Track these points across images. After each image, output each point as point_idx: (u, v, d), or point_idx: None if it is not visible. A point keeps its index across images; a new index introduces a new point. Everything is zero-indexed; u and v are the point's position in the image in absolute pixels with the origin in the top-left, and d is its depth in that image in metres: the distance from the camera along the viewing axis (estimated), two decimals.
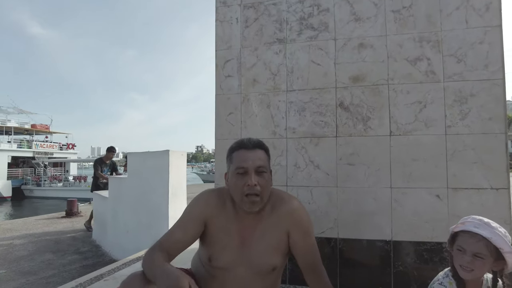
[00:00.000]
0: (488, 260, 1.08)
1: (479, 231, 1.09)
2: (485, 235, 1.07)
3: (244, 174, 1.25)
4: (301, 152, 2.12)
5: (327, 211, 2.05)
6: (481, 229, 1.09)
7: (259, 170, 1.25)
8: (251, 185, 1.22)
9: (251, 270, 1.28)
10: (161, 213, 3.48)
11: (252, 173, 1.24)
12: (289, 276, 2.10)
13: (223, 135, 2.25)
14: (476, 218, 1.14)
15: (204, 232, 1.32)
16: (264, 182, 1.25)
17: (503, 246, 1.06)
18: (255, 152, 1.29)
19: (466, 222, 1.14)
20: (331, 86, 2.10)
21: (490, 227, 1.10)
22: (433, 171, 1.93)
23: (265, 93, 2.21)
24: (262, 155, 1.30)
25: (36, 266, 4.21)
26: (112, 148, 6.62)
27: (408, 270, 1.94)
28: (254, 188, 1.22)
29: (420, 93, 1.97)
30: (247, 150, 1.29)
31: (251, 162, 1.25)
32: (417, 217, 1.94)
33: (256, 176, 1.24)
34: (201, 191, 1.40)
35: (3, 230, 6.55)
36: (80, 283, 2.17)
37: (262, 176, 1.26)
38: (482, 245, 1.08)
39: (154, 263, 1.16)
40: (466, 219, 1.17)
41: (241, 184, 1.24)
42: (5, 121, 28.10)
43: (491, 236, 1.07)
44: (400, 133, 1.99)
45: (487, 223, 1.11)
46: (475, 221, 1.13)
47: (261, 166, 1.26)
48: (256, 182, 1.23)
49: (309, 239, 1.33)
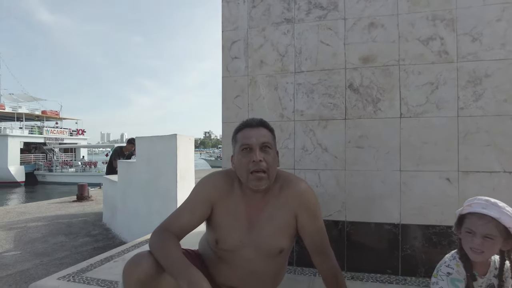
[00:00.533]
0: (498, 240, 1.06)
1: (488, 212, 1.06)
2: (493, 215, 1.05)
3: (249, 151, 1.24)
4: (309, 135, 2.09)
5: (334, 194, 2.04)
6: (489, 210, 1.07)
7: (263, 146, 1.24)
8: (256, 161, 1.21)
9: (258, 252, 1.28)
10: (170, 196, 3.51)
11: (257, 149, 1.23)
12: (296, 258, 2.11)
13: (230, 118, 2.23)
14: (483, 199, 1.12)
15: (211, 215, 1.32)
16: (269, 159, 1.24)
17: (501, 218, 1.05)
18: (259, 129, 1.28)
19: (473, 204, 1.12)
20: (341, 67, 2.05)
21: (498, 207, 1.07)
22: (444, 154, 1.89)
23: (273, 75, 2.17)
24: (266, 133, 1.28)
25: (50, 247, 4.32)
26: (132, 140, 6.68)
27: (416, 253, 1.93)
28: (259, 164, 1.21)
29: (432, 74, 1.91)
30: (251, 128, 1.28)
31: (255, 139, 1.24)
32: (426, 201, 1.92)
33: (261, 152, 1.23)
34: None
35: (17, 213, 6.73)
36: (91, 264, 2.22)
37: (267, 153, 1.24)
38: (491, 226, 1.06)
39: (169, 253, 1.15)
40: (472, 200, 1.14)
41: (246, 161, 1.23)
42: (16, 107, 28.54)
43: (499, 216, 1.05)
44: (410, 115, 1.94)
45: (494, 203, 1.09)
46: (482, 202, 1.10)
47: (265, 142, 1.25)
48: (261, 158, 1.21)
49: (317, 221, 1.32)
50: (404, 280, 1.91)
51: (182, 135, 3.49)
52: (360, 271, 2.01)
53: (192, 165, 3.80)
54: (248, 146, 1.24)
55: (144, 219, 4.04)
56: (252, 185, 1.23)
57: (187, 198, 1.34)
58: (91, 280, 1.92)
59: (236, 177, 1.32)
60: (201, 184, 1.35)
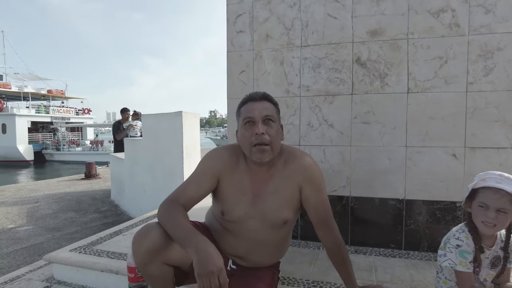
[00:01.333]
0: (511, 214, 1.08)
1: (503, 186, 1.06)
2: (509, 190, 1.05)
3: (252, 124, 1.24)
4: (315, 110, 2.08)
5: (339, 170, 2.04)
6: (504, 184, 1.07)
7: (266, 119, 1.24)
8: (259, 134, 1.21)
9: (263, 223, 1.30)
10: (177, 173, 3.55)
11: (260, 122, 1.23)
12: (301, 232, 2.15)
13: (235, 94, 2.21)
14: (496, 174, 1.12)
15: (217, 187, 1.34)
16: (272, 132, 1.24)
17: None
18: (262, 103, 1.27)
19: (487, 178, 1.11)
20: (348, 41, 2.01)
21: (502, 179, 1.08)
22: (451, 130, 1.87)
23: (279, 49, 2.13)
24: (269, 106, 1.28)
25: (60, 223, 4.44)
26: (125, 109, 6.71)
27: (419, 228, 1.95)
28: (262, 136, 1.21)
29: (441, 48, 1.87)
30: (254, 102, 1.27)
31: (258, 112, 1.24)
32: (431, 176, 1.92)
33: (264, 125, 1.23)
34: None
35: (28, 190, 6.88)
36: (101, 237, 2.28)
37: (270, 126, 1.24)
38: (505, 200, 1.06)
39: (177, 222, 1.18)
40: (486, 175, 1.14)
41: (249, 134, 1.24)
42: (22, 86, 28.57)
43: (506, 187, 1.06)
44: (418, 90, 1.91)
45: (508, 177, 1.09)
46: (496, 176, 1.10)
47: (268, 115, 1.24)
48: (263, 131, 1.22)
49: (321, 194, 1.33)
50: (407, 254, 1.94)
51: (187, 112, 3.49)
52: (363, 245, 2.05)
53: (197, 142, 3.81)
54: (251, 120, 1.24)
55: (151, 196, 4.11)
56: (255, 158, 1.24)
57: (194, 171, 1.36)
58: (101, 252, 1.98)
59: (241, 151, 1.33)
60: (207, 157, 1.36)
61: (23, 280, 1.96)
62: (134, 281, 1.58)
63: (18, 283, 1.93)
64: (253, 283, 1.28)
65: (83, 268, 1.87)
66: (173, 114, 3.59)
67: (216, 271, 1.03)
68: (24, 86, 28.67)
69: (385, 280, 1.59)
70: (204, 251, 1.07)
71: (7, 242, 3.68)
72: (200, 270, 1.04)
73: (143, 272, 1.28)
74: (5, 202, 5.70)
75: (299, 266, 1.79)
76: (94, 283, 1.85)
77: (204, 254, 1.06)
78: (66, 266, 1.92)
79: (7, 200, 5.91)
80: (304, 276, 1.66)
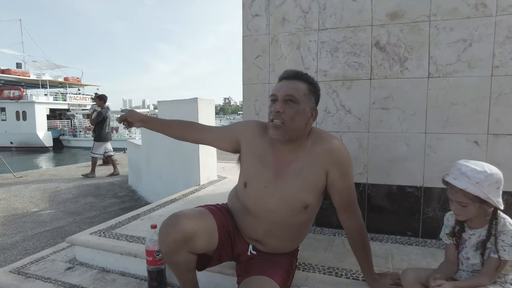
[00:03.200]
0: (472, 205, 1.12)
1: (456, 182, 1.12)
2: (460, 186, 1.11)
3: (274, 101, 1.26)
4: (332, 96, 2.04)
5: (357, 157, 2.01)
6: (458, 181, 1.12)
7: (287, 99, 1.23)
8: (275, 111, 1.23)
9: (282, 204, 1.30)
10: (192, 159, 3.59)
11: (280, 101, 1.24)
12: (316, 218, 2.13)
13: (251, 79, 2.19)
14: (456, 168, 1.16)
15: (241, 155, 1.40)
16: (290, 112, 1.23)
17: (479, 194, 1.09)
18: (291, 82, 1.27)
19: (450, 173, 1.18)
20: (367, 24, 1.94)
21: (467, 177, 1.11)
22: (473, 116, 1.81)
23: (295, 33, 2.09)
24: (299, 86, 1.26)
25: (80, 207, 4.58)
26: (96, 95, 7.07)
27: (438, 216, 1.92)
28: (278, 114, 1.23)
29: (466, 30, 1.79)
30: (285, 80, 1.29)
31: (282, 90, 1.25)
32: (451, 164, 1.83)
33: (283, 104, 1.23)
34: None
35: (50, 175, 7.10)
36: (120, 221, 2.34)
37: (290, 106, 1.24)
38: (460, 195, 1.12)
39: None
40: (453, 167, 1.19)
41: (269, 111, 1.27)
42: (40, 74, 29.17)
43: (466, 186, 1.10)
44: (439, 75, 1.85)
45: (464, 173, 1.12)
46: (455, 171, 1.16)
47: (290, 95, 1.24)
48: (280, 110, 1.22)
49: (347, 178, 1.32)
50: (424, 242, 1.92)
51: (202, 98, 3.49)
52: (380, 232, 2.03)
53: None
54: (274, 97, 1.26)
55: (168, 181, 4.18)
56: (270, 133, 1.26)
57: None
58: (120, 236, 2.04)
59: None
60: (236, 122, 1.46)
61: (48, 261, 2.04)
62: (152, 264, 1.62)
63: (43, 263, 2.01)
64: (271, 268, 1.30)
65: (103, 250, 1.93)
66: (189, 100, 3.60)
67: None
68: (42, 74, 29.27)
69: (402, 267, 1.58)
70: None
71: (31, 225, 3.83)
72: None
73: (167, 260, 1.32)
74: (28, 187, 5.91)
75: (314, 252, 1.80)
76: (114, 266, 1.91)
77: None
78: (87, 249, 1.98)
79: (30, 185, 6.12)
80: (320, 262, 1.67)
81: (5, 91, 24.36)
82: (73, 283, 1.75)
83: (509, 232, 1.11)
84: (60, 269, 1.93)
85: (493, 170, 1.12)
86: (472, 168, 1.12)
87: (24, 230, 3.66)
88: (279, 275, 1.27)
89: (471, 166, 1.13)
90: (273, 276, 1.25)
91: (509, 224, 1.13)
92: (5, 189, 5.77)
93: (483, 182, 1.10)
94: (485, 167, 1.12)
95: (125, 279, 1.79)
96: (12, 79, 27.40)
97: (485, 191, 1.09)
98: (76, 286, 1.72)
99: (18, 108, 23.85)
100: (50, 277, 1.82)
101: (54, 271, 1.90)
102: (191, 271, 1.34)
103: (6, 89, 24.79)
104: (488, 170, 1.12)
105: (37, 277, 1.83)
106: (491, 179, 1.10)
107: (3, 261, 2.86)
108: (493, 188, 1.11)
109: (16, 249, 3.12)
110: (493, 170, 1.12)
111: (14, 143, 23.37)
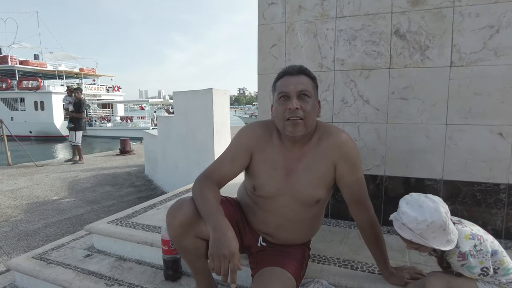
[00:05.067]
0: (422, 246, 1.12)
1: (401, 233, 1.13)
2: (406, 237, 1.12)
3: (286, 99, 1.21)
4: (350, 86, 1.99)
5: (374, 148, 1.97)
6: (403, 232, 1.12)
7: (301, 94, 1.20)
8: (292, 109, 1.18)
9: (294, 200, 1.29)
10: (207, 149, 3.61)
11: (294, 97, 1.20)
12: (331, 211, 2.13)
13: (266, 69, 2.16)
14: (399, 215, 1.14)
15: (250, 163, 1.34)
16: (307, 107, 1.20)
17: (425, 244, 1.10)
18: (298, 77, 1.23)
19: (395, 219, 1.17)
20: (386, 11, 1.88)
21: (410, 229, 1.10)
22: (498, 107, 1.74)
23: (312, 21, 2.03)
24: (306, 81, 1.23)
25: (99, 196, 4.69)
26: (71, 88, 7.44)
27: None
28: (295, 111, 1.18)
29: (493, 16, 1.70)
30: (290, 76, 1.24)
31: (293, 87, 1.20)
32: (473, 156, 1.81)
33: (298, 100, 1.19)
34: None
35: (68, 165, 7.29)
36: (136, 210, 2.38)
37: (305, 101, 1.20)
38: (409, 241, 1.13)
39: (206, 199, 1.21)
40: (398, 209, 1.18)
41: (283, 109, 1.21)
42: (56, 65, 29.71)
43: (411, 238, 1.11)
44: (462, 63, 1.77)
45: (405, 224, 1.11)
46: (397, 221, 1.15)
47: (304, 90, 1.20)
48: (298, 106, 1.18)
49: (356, 172, 1.29)
50: None
51: (217, 89, 3.48)
52: None
53: (227, 119, 3.82)
54: (286, 94, 1.21)
55: (183, 171, 4.22)
56: (288, 131, 1.21)
57: (228, 147, 1.36)
58: (136, 225, 2.07)
59: (275, 127, 1.31)
60: (241, 133, 1.36)
61: (68, 248, 2.10)
62: (168, 253, 1.64)
63: (64, 250, 2.06)
64: (283, 259, 1.29)
65: (120, 239, 1.96)
66: (204, 91, 3.60)
67: (228, 255, 1.04)
68: (58, 65, 29.79)
69: (419, 262, 1.55)
70: (220, 231, 1.08)
71: (52, 213, 3.95)
72: (212, 250, 1.06)
73: (176, 245, 1.33)
74: (49, 176, 6.08)
75: (329, 244, 1.78)
76: (131, 254, 1.94)
77: (219, 235, 1.07)
78: (104, 237, 2.02)
79: (50, 173, 6.29)
80: (335, 255, 1.66)
81: (23, 82, 24.93)
82: (92, 270, 1.80)
83: (453, 257, 1.11)
84: (79, 256, 1.98)
85: (434, 216, 1.06)
86: (412, 219, 1.09)
87: (46, 217, 3.79)
88: (292, 265, 1.27)
89: (411, 215, 1.09)
90: (286, 267, 1.24)
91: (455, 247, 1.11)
92: (28, 177, 5.96)
93: (425, 233, 1.08)
94: (426, 214, 1.07)
95: (142, 267, 1.82)
96: (30, 70, 27.98)
97: (430, 238, 1.08)
98: (94, 273, 1.77)
99: (36, 98, 24.42)
100: (70, 264, 1.88)
101: (74, 258, 1.96)
102: (201, 258, 1.34)
103: (25, 80, 25.37)
104: (429, 217, 1.06)
105: (58, 263, 1.89)
106: (434, 227, 1.07)
107: (26, 246, 2.97)
108: (439, 232, 1.08)
109: (38, 235, 3.23)
110: (434, 216, 1.06)
111: (33, 132, 23.99)
